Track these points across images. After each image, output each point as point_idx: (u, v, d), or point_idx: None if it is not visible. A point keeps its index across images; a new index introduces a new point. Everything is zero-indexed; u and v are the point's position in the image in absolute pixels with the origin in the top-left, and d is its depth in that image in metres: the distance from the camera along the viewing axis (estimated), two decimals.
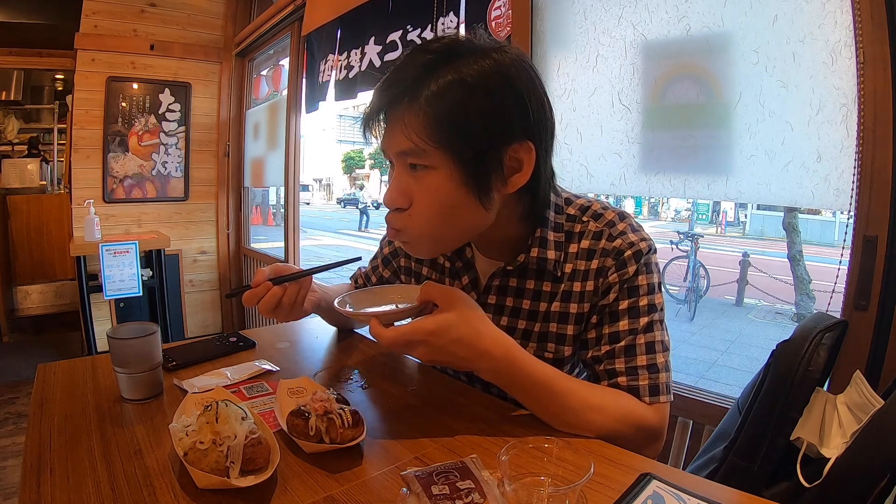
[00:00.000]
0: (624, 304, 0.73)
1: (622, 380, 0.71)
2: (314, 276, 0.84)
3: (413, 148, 0.65)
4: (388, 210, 0.72)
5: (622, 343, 0.72)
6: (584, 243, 0.76)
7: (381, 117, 0.69)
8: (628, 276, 0.73)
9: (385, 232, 0.87)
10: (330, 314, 1.03)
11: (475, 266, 0.83)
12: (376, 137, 0.71)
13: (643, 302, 0.73)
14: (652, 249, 0.75)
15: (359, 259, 0.96)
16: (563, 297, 0.76)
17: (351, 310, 0.73)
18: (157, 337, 0.76)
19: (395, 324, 0.68)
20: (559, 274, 0.76)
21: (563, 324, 0.76)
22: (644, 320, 0.72)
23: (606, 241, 0.74)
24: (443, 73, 0.64)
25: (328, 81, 2.50)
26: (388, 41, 2.03)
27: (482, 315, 0.67)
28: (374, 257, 1.04)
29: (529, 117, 0.65)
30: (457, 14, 1.77)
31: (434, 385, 0.85)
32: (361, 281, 1.06)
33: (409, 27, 1.93)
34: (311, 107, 2.72)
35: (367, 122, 0.70)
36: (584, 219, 0.77)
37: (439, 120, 0.63)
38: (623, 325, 0.73)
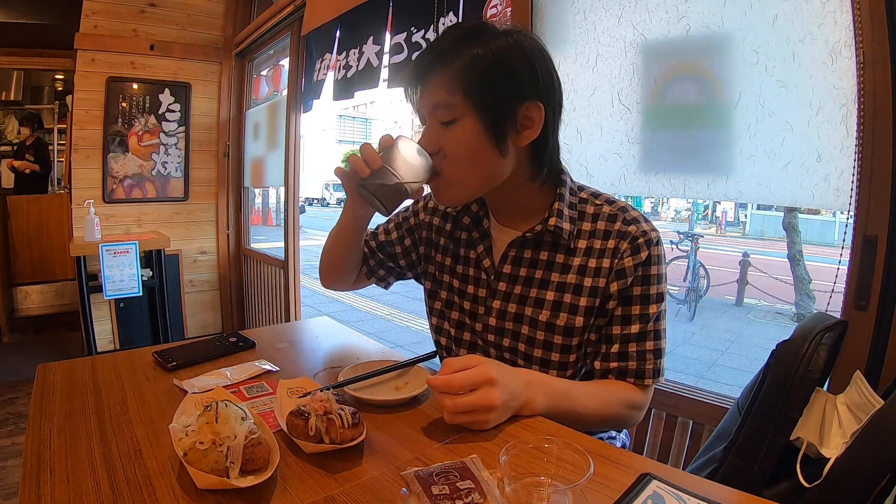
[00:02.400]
0: (638, 291, 0.80)
1: (632, 364, 0.80)
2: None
3: (445, 100, 0.76)
4: None
5: (634, 329, 0.80)
6: (600, 224, 0.83)
7: (420, 81, 0.79)
8: (641, 262, 0.79)
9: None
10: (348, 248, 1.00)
11: (491, 236, 0.90)
12: (412, 103, 0.82)
13: (653, 290, 0.80)
14: (660, 241, 0.82)
15: (434, 356, 0.99)
16: (579, 271, 0.82)
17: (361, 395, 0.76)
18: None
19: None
20: (572, 246, 0.82)
21: (577, 295, 0.81)
22: (653, 308, 0.81)
23: (622, 224, 0.81)
24: (472, 45, 0.75)
25: (323, 80, 2.50)
26: (392, 44, 2.03)
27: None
28: (399, 225, 1.04)
29: (539, 81, 0.77)
30: (456, 14, 1.77)
31: None
32: (375, 243, 1.04)
33: (412, 29, 1.93)
34: (306, 106, 2.73)
35: (409, 84, 0.81)
36: (598, 202, 0.85)
37: (468, 79, 0.75)
38: (635, 310, 0.80)
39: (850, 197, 0.98)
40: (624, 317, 0.80)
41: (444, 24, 1.80)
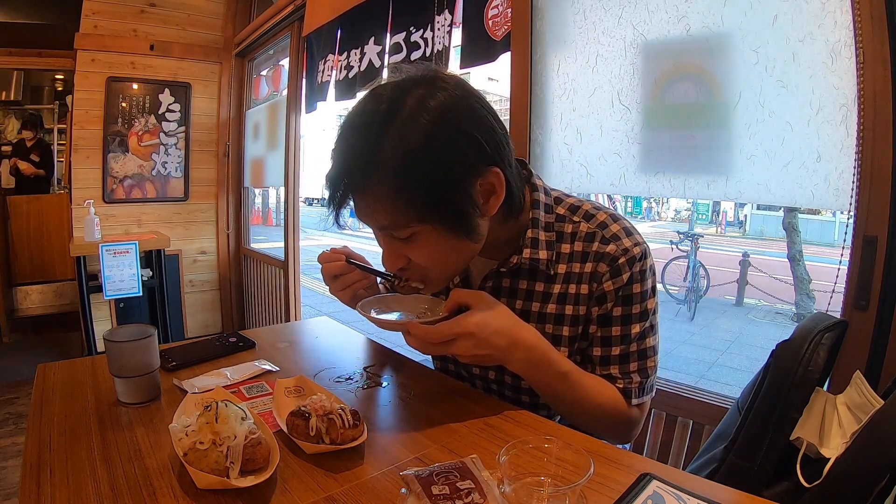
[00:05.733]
0: (618, 312, 0.76)
1: (618, 384, 0.77)
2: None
3: (391, 222, 0.66)
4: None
5: (616, 350, 0.76)
6: (578, 245, 0.77)
7: (347, 200, 0.67)
8: (623, 285, 0.74)
9: None
10: None
11: (467, 266, 0.85)
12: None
13: (636, 310, 0.75)
14: (645, 254, 0.75)
15: None
16: (559, 300, 0.77)
17: (377, 316, 0.74)
18: (153, 340, 0.75)
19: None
20: (552, 273, 0.77)
21: (559, 325, 0.78)
22: (636, 329, 0.76)
23: (600, 244, 0.75)
24: (388, 144, 0.62)
25: (328, 82, 2.50)
26: (391, 43, 2.03)
27: (510, 310, 0.71)
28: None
29: (486, 148, 0.65)
30: (453, 13, 1.77)
31: (434, 385, 0.85)
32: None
33: (412, 29, 1.93)
34: (310, 107, 2.73)
35: (337, 208, 0.68)
36: (575, 219, 0.78)
37: (403, 196, 0.63)
38: (616, 330, 0.77)
39: (850, 197, 0.98)
40: (604, 338, 0.77)
41: (440, 23, 1.80)
